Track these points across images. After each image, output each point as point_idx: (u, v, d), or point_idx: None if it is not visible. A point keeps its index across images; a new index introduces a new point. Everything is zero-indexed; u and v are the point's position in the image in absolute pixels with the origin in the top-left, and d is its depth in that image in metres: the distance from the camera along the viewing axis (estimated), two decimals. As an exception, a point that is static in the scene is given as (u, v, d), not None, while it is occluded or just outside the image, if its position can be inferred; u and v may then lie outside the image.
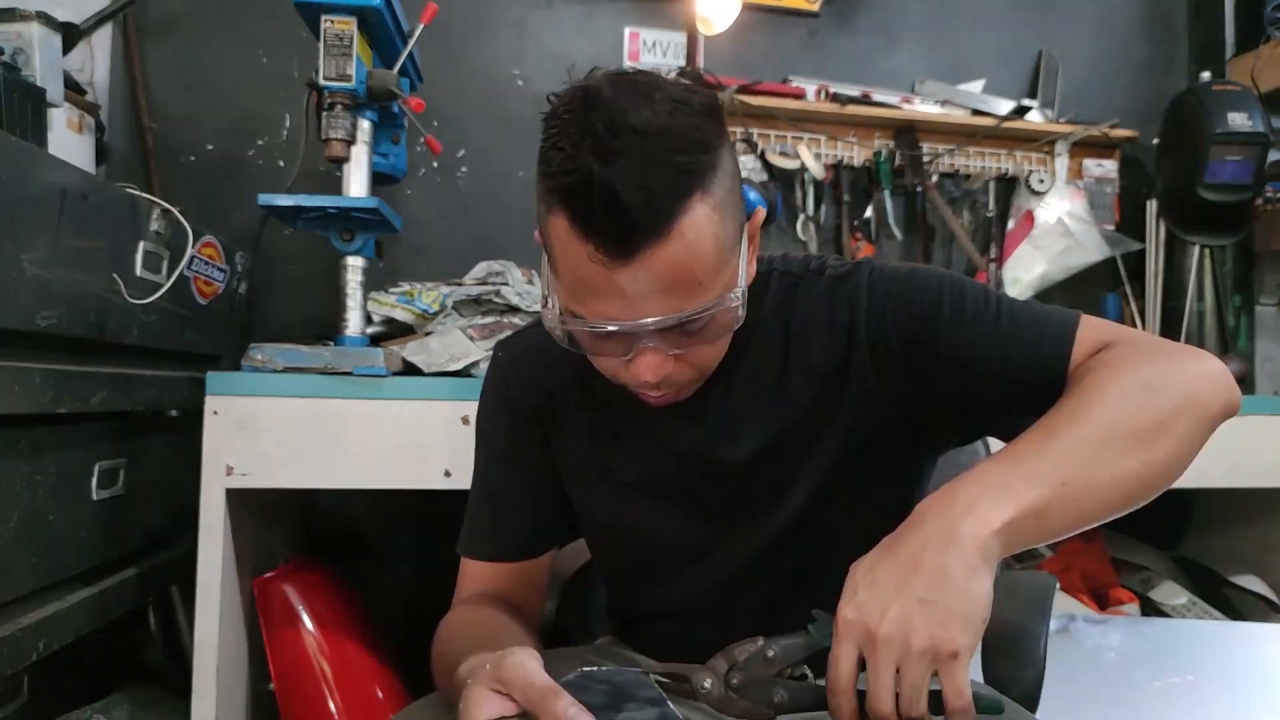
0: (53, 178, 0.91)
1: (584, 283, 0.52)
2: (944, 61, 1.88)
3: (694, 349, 0.56)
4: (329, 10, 1.07)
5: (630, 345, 0.54)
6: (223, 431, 1.04)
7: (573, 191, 0.48)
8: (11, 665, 0.87)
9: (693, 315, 0.52)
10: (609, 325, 0.52)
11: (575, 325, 0.54)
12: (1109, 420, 0.48)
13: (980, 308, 0.59)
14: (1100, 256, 1.81)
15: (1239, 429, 1.33)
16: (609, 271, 0.50)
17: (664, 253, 0.49)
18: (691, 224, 0.50)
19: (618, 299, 0.51)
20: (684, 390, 0.60)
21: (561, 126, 0.50)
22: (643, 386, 0.57)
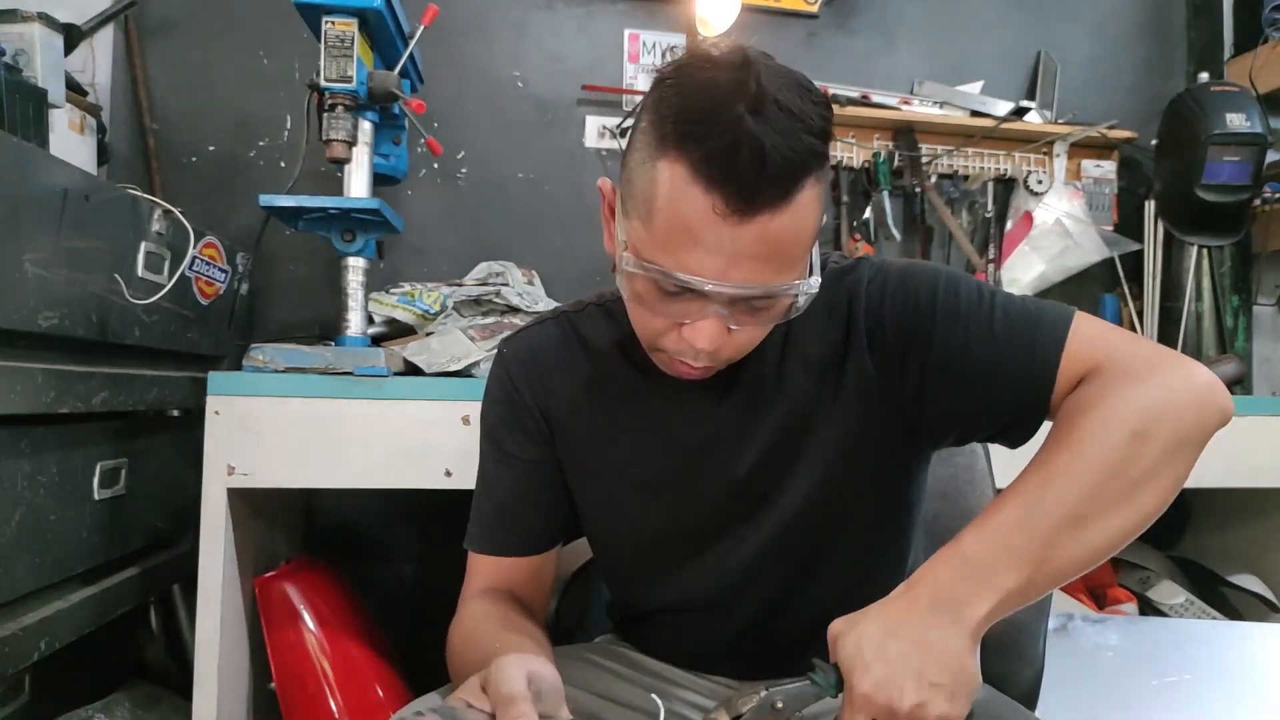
0: (54, 178, 0.91)
1: (689, 234, 0.50)
2: (943, 63, 1.88)
3: (747, 328, 0.56)
4: (330, 11, 1.07)
5: (700, 309, 0.54)
6: (224, 431, 1.05)
7: (714, 139, 0.48)
8: (13, 664, 0.87)
9: (779, 290, 0.53)
10: (705, 283, 0.51)
11: (661, 274, 0.52)
12: (1092, 486, 0.49)
13: (974, 305, 0.59)
14: (1098, 257, 1.81)
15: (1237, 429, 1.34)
16: (723, 225, 0.49)
17: (778, 221, 0.50)
18: (806, 202, 0.51)
19: (718, 257, 0.51)
20: (712, 370, 0.60)
21: (699, 77, 0.50)
22: (687, 354, 0.57)
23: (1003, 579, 0.48)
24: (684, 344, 0.56)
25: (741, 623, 0.70)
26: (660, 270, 0.52)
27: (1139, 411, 0.50)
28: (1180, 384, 0.52)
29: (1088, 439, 0.50)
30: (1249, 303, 1.85)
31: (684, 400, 0.66)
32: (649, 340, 0.60)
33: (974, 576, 0.48)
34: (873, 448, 0.64)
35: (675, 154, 0.50)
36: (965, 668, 0.47)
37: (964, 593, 0.48)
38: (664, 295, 0.55)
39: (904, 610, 0.49)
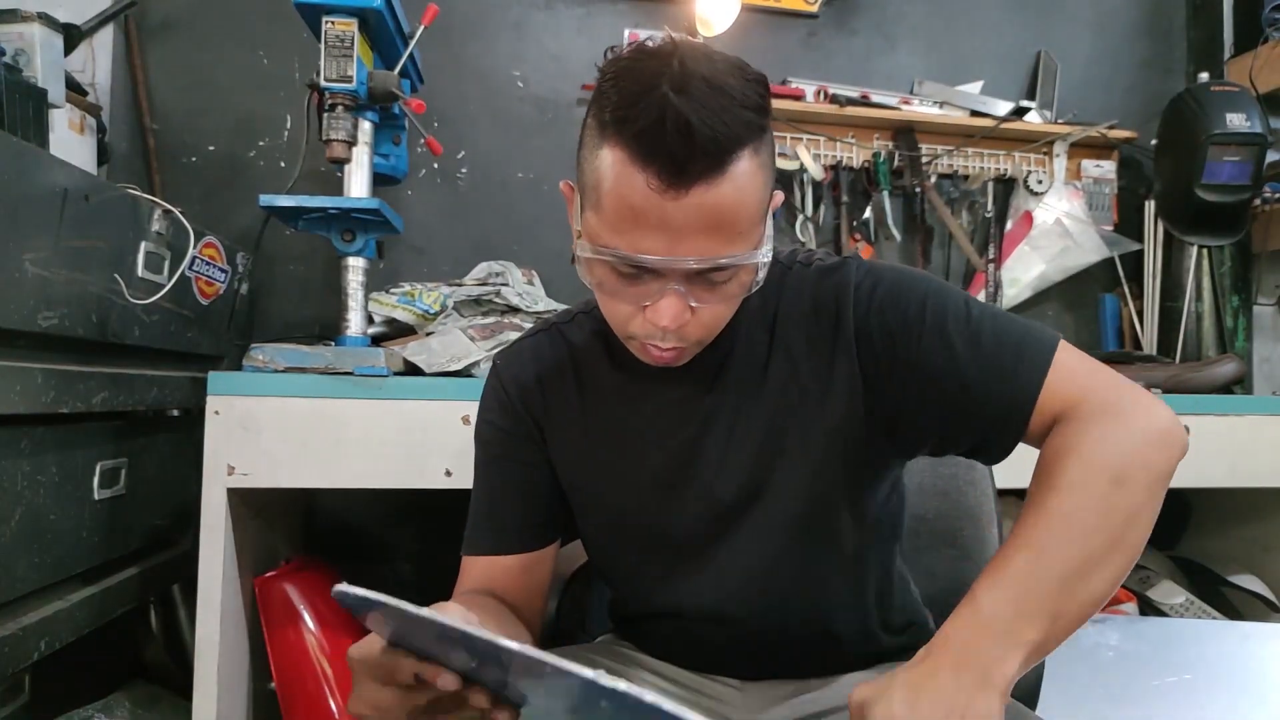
0: (54, 178, 0.91)
1: (633, 213, 0.53)
2: (942, 62, 1.88)
3: (710, 305, 0.58)
4: (330, 11, 1.07)
5: (659, 288, 0.55)
6: (224, 431, 1.05)
7: (643, 118, 0.51)
8: (13, 664, 0.87)
9: (729, 261, 0.54)
10: (654, 260, 0.53)
11: (614, 256, 0.55)
12: (1091, 533, 0.51)
13: (962, 323, 0.60)
14: (1098, 257, 1.81)
15: (1237, 429, 1.35)
16: (662, 201, 0.52)
17: (716, 191, 0.52)
18: (743, 171, 0.53)
19: (663, 233, 0.53)
20: (685, 353, 0.61)
21: (630, 66, 0.53)
22: (654, 336, 0.58)
23: (1025, 635, 0.49)
24: (649, 326, 0.57)
25: (739, 623, 0.69)
26: (612, 252, 0.55)
27: (1118, 456, 0.53)
28: (1149, 426, 0.55)
29: (1078, 485, 0.53)
30: (1249, 302, 1.85)
31: (671, 399, 0.67)
32: (619, 328, 0.61)
33: (997, 637, 0.49)
34: (857, 447, 0.65)
35: (614, 139, 0.53)
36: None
37: (990, 654, 0.48)
38: (622, 279, 0.57)
39: (932, 673, 0.49)
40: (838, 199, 1.78)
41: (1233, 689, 1.25)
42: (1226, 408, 1.37)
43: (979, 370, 0.59)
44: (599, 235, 0.55)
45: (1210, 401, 1.39)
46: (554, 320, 0.76)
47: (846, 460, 0.65)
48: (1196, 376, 1.49)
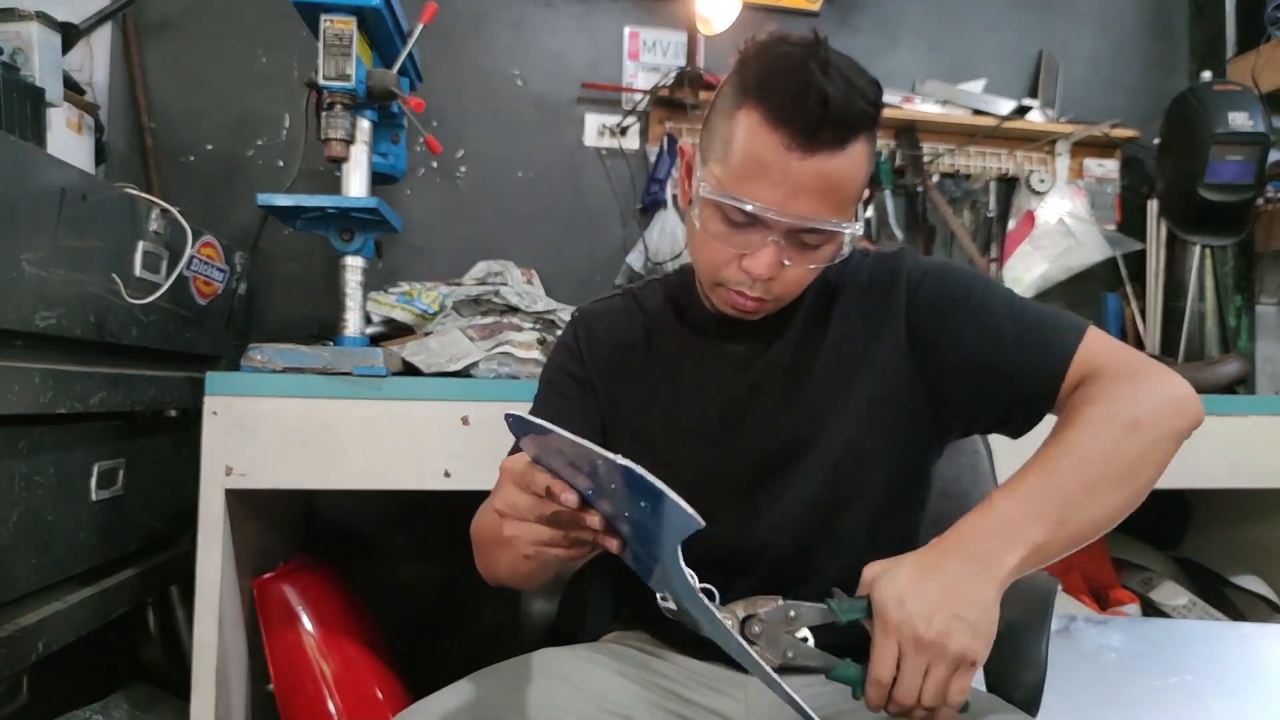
0: (52, 177, 0.91)
1: (760, 167, 0.60)
2: (944, 61, 1.87)
3: (798, 266, 0.64)
4: (328, 10, 1.07)
5: (761, 239, 0.62)
6: (222, 432, 1.04)
7: (789, 87, 0.58)
8: (11, 665, 0.87)
9: (830, 226, 0.62)
10: (769, 210, 0.60)
11: (734, 200, 0.61)
12: (1101, 463, 0.57)
13: (1004, 303, 0.67)
14: (1101, 256, 1.81)
15: (1240, 429, 1.35)
16: (789, 159, 0.59)
17: (835, 161, 0.60)
18: (860, 150, 0.61)
19: (782, 187, 0.60)
20: (763, 307, 0.67)
21: (778, 46, 0.62)
22: (744, 284, 0.64)
23: (1029, 535, 0.54)
24: (742, 274, 0.64)
25: (761, 579, 0.70)
26: (732, 198, 0.61)
27: (1133, 407, 0.59)
28: (1166, 391, 0.61)
29: (1095, 424, 0.58)
30: (1252, 302, 1.84)
31: (731, 354, 0.74)
32: (710, 273, 0.67)
33: (1004, 533, 0.54)
34: (899, 413, 0.70)
35: (754, 102, 0.60)
36: (989, 612, 0.53)
37: (995, 546, 0.54)
38: (731, 227, 0.63)
39: (938, 558, 0.55)
40: (839, 198, 1.78)
41: (1235, 690, 1.25)
42: (1229, 407, 1.36)
43: (1016, 340, 0.65)
44: (720, 184, 0.62)
45: (1213, 401, 1.38)
46: (630, 287, 0.84)
47: (886, 425, 0.70)
48: (1199, 376, 1.49)
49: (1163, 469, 0.60)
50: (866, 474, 0.71)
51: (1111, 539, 1.65)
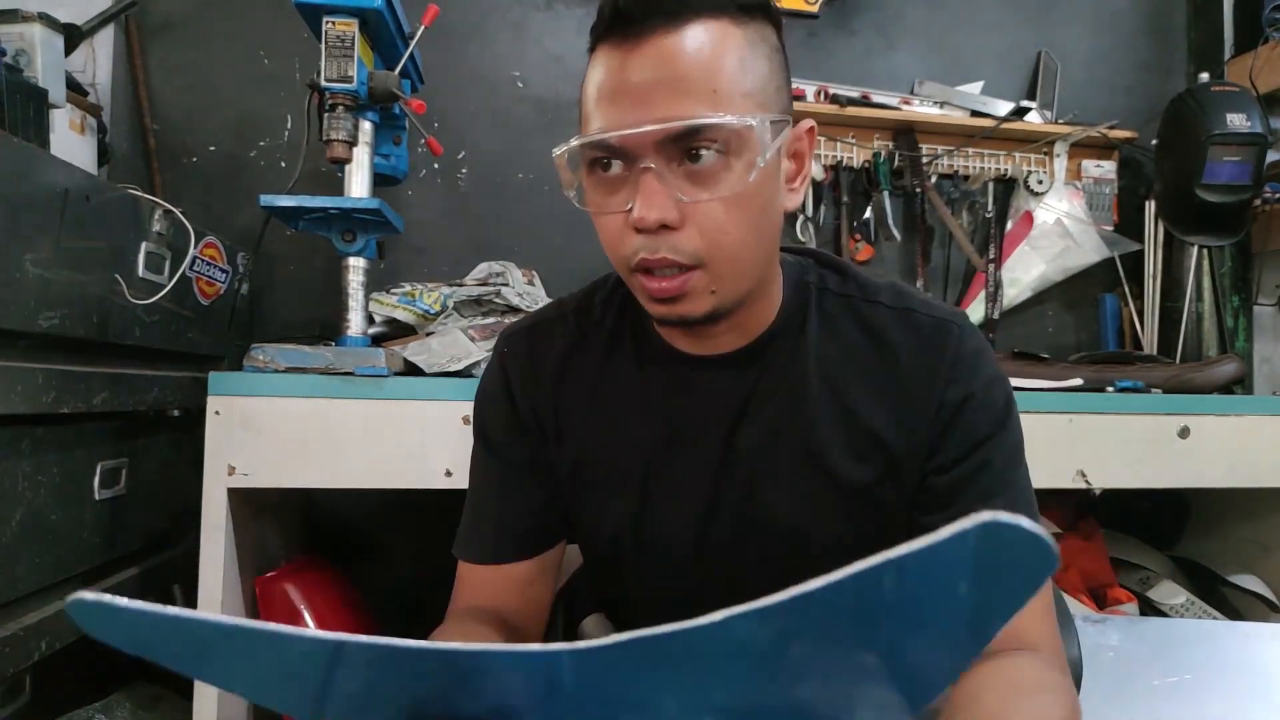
0: (55, 179, 0.91)
1: (600, 91, 0.52)
2: (943, 63, 1.88)
3: (701, 204, 0.51)
4: (330, 12, 1.07)
5: (637, 179, 0.51)
6: (224, 431, 1.05)
7: (601, 4, 0.51)
8: (14, 664, 0.87)
9: (702, 119, 0.48)
10: (620, 132, 0.49)
11: (583, 146, 0.52)
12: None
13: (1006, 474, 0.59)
14: (1099, 257, 1.81)
15: (1237, 429, 1.35)
16: (623, 60, 0.50)
17: (676, 39, 0.49)
18: (715, 31, 0.50)
19: (627, 99, 0.50)
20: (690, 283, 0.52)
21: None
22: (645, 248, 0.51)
23: None
24: (638, 239, 0.51)
25: None
26: (579, 140, 0.52)
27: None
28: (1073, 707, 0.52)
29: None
30: (1249, 303, 1.85)
31: (699, 381, 0.62)
32: (620, 260, 0.55)
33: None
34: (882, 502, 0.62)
35: (592, 48, 0.54)
36: None
37: None
38: (605, 184, 0.53)
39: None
40: (838, 199, 1.78)
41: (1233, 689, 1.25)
42: (1227, 408, 1.37)
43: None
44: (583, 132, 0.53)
45: (1210, 401, 1.39)
46: (567, 305, 0.69)
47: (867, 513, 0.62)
48: (1197, 376, 1.49)
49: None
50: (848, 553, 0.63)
51: (1110, 538, 1.65)
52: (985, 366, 0.60)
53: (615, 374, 0.65)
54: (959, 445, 0.59)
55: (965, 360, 0.59)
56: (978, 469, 0.58)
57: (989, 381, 0.59)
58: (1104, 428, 1.30)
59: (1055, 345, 1.89)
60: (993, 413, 0.59)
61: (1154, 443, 1.32)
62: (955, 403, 0.58)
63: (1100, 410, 1.30)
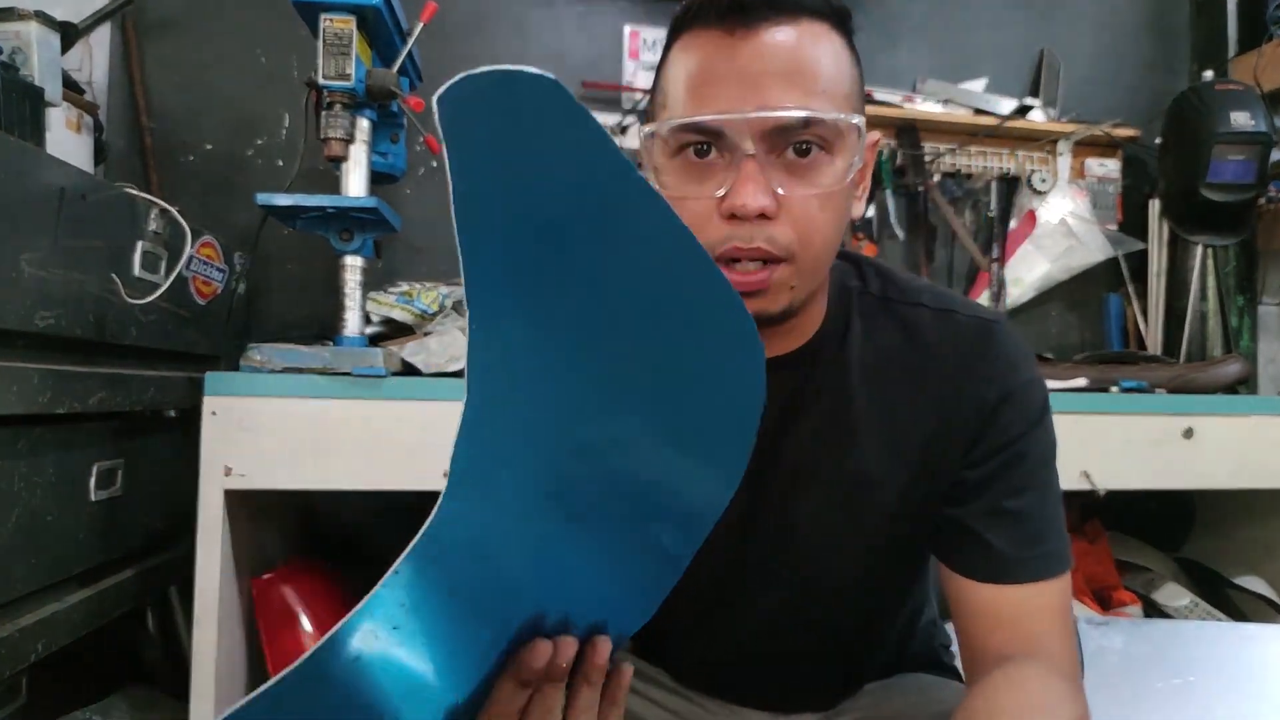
0: (51, 177, 0.90)
1: (704, 74, 0.50)
2: (946, 60, 1.87)
3: (797, 196, 0.50)
4: (328, 9, 1.06)
5: (735, 166, 0.49)
6: (221, 432, 1.04)
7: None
8: (10, 666, 0.86)
9: (814, 115, 0.48)
10: (725, 115, 0.48)
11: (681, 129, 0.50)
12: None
13: (1038, 473, 0.59)
14: (1103, 256, 1.80)
15: (1242, 430, 1.34)
16: (733, 44, 0.49)
17: (788, 32, 0.49)
18: (822, 33, 0.51)
19: (735, 83, 0.49)
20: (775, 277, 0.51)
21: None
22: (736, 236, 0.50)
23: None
24: (731, 225, 0.50)
25: (769, 659, 0.67)
26: (677, 122, 0.50)
27: None
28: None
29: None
30: (1254, 302, 1.84)
31: None
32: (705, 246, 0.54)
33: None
34: (914, 510, 0.61)
35: (682, 28, 0.52)
36: None
37: None
38: (695, 170, 0.51)
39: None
40: (840, 198, 1.77)
41: (1238, 691, 1.24)
42: (1231, 408, 1.36)
43: (1010, 520, 0.57)
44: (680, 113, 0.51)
45: (1215, 402, 1.38)
46: None
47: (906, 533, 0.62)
48: (1201, 376, 1.48)
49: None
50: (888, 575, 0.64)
51: (1114, 540, 1.64)
52: (1025, 369, 0.60)
53: None
54: (993, 441, 0.59)
55: (1005, 360, 0.59)
56: (1008, 464, 0.58)
57: (1028, 383, 0.59)
58: (1108, 428, 1.29)
59: (1059, 345, 1.88)
60: (1029, 413, 0.59)
61: (1158, 443, 1.31)
62: (994, 402, 0.58)
63: (1104, 410, 1.30)
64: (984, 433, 0.59)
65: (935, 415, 0.59)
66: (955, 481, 0.60)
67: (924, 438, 0.60)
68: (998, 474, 0.58)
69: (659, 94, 0.54)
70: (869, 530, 0.61)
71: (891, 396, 0.60)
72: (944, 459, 0.60)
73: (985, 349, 0.59)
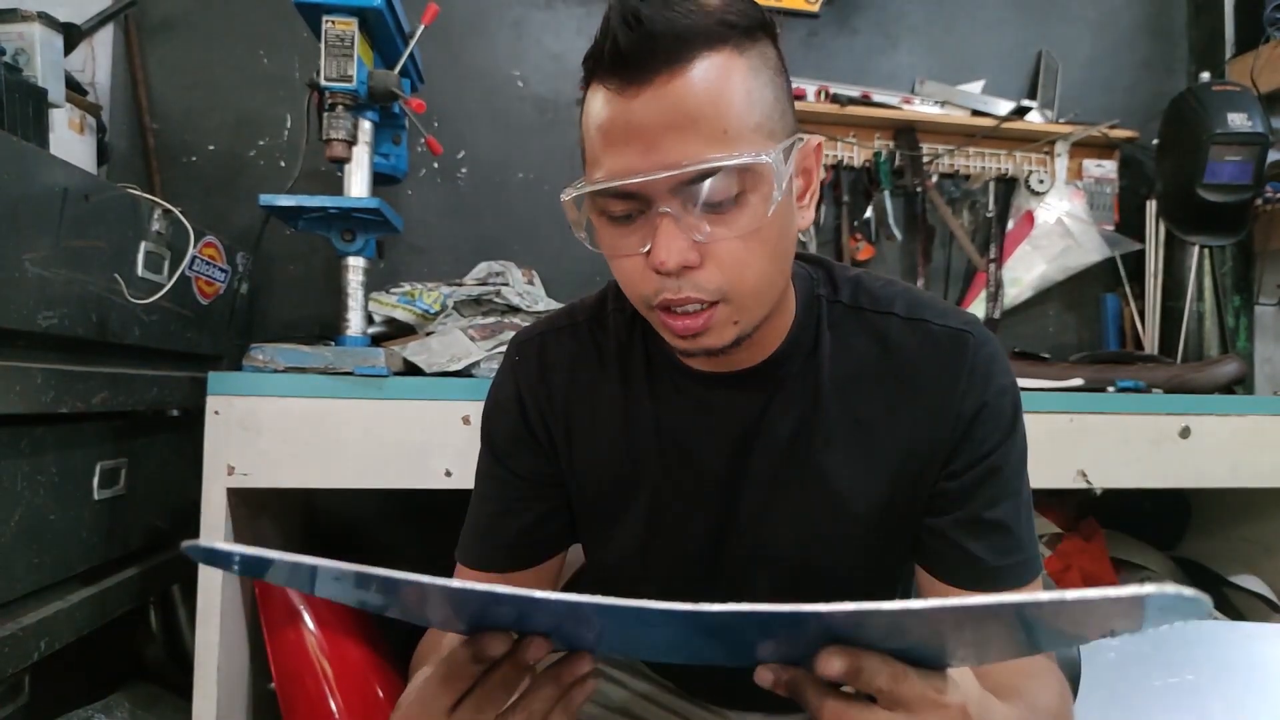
0: (54, 178, 0.91)
1: (606, 135, 0.50)
2: (944, 62, 1.88)
3: (721, 241, 0.50)
4: (330, 11, 1.07)
5: (653, 224, 0.49)
6: (224, 431, 1.04)
7: (600, 39, 0.49)
8: (13, 665, 0.87)
9: (715, 161, 0.47)
10: (630, 177, 0.48)
11: (589, 190, 0.51)
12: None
13: (1013, 482, 0.60)
14: (1100, 257, 1.81)
15: (1238, 430, 1.35)
16: (626, 106, 0.48)
17: (682, 82, 0.47)
18: (720, 65, 0.48)
19: (632, 142, 0.48)
20: (715, 318, 0.52)
21: None
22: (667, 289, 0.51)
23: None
24: (658, 280, 0.50)
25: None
26: (590, 188, 0.50)
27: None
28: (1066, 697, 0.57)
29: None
30: (1250, 302, 1.85)
31: (713, 402, 0.62)
32: (640, 300, 0.54)
33: None
34: (890, 520, 0.62)
35: (588, 80, 0.52)
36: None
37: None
38: (619, 229, 0.52)
39: None
40: (839, 199, 1.78)
41: (1234, 690, 1.25)
42: (1228, 408, 1.37)
43: (984, 534, 0.58)
44: (589, 179, 0.52)
45: (1211, 401, 1.38)
46: (579, 315, 0.68)
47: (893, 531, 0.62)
48: (1198, 376, 1.49)
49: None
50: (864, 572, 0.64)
51: (1110, 538, 1.65)
52: (998, 375, 0.60)
53: (626, 391, 0.64)
54: (971, 454, 0.59)
55: (980, 370, 0.59)
56: (986, 475, 0.59)
57: (1000, 391, 0.60)
58: (1105, 428, 1.30)
59: (1056, 345, 1.89)
60: (1003, 422, 0.59)
61: (1155, 443, 1.32)
62: (970, 413, 0.59)
63: (1101, 410, 1.30)
64: (961, 446, 0.59)
65: (911, 428, 0.59)
66: (934, 493, 0.61)
67: (900, 450, 0.60)
68: (976, 486, 0.59)
69: (582, 145, 0.54)
70: (845, 538, 0.61)
71: (865, 408, 0.60)
72: (923, 472, 0.60)
73: (960, 360, 0.59)
